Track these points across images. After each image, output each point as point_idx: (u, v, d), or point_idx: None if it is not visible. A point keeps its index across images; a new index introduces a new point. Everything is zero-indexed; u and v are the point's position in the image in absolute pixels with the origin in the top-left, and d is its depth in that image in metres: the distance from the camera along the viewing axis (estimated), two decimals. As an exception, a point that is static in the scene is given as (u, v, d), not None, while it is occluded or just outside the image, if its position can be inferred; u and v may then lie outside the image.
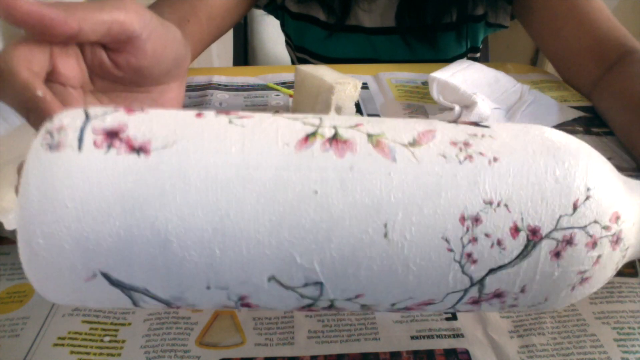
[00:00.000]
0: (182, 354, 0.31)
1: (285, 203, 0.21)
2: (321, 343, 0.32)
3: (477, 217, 0.22)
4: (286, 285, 0.22)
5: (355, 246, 0.21)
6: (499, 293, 0.24)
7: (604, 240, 0.23)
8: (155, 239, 0.20)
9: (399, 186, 0.21)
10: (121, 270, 0.21)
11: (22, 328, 0.32)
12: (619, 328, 0.33)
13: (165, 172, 0.20)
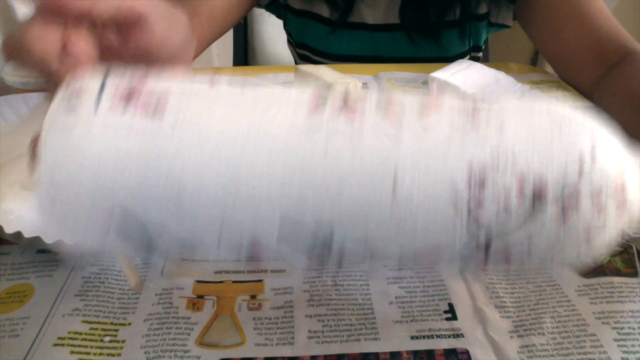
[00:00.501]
0: (182, 354, 0.31)
1: (298, 158, 0.21)
2: (321, 343, 0.32)
3: (483, 179, 0.22)
4: (297, 222, 0.22)
5: (365, 199, 0.22)
6: (505, 253, 0.23)
7: (609, 204, 0.22)
8: (169, 193, 0.21)
9: (408, 147, 0.22)
10: (138, 210, 0.22)
11: (22, 328, 0.32)
12: (619, 328, 0.33)
13: (180, 133, 0.21)
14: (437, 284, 0.37)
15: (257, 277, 0.37)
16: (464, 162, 0.22)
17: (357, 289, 0.36)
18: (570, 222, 0.22)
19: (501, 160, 0.22)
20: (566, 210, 0.22)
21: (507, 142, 0.22)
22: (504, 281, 0.37)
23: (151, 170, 0.21)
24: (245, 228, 0.23)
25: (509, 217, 0.22)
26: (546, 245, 0.23)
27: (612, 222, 0.23)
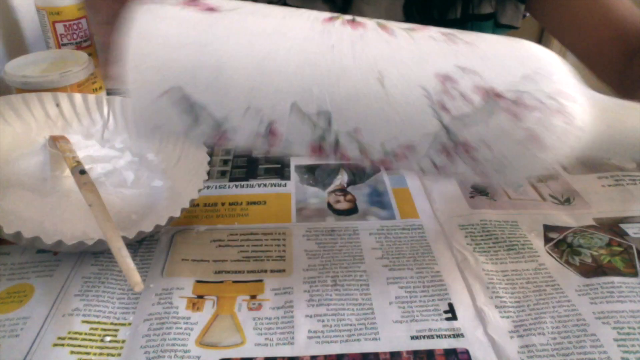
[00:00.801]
0: (182, 354, 0.31)
1: (310, 52, 0.28)
2: (321, 343, 0.32)
3: (449, 76, 0.28)
4: (304, 112, 0.29)
5: (358, 88, 0.28)
6: (465, 142, 0.29)
7: (547, 106, 0.28)
8: (213, 67, 0.28)
9: (395, 50, 0.28)
10: (188, 87, 0.28)
11: (22, 328, 0.32)
12: (619, 328, 0.33)
13: (227, 24, 0.28)
14: (437, 284, 0.37)
15: (257, 277, 0.37)
16: (440, 63, 0.28)
17: (357, 289, 0.36)
18: (514, 114, 0.28)
19: (468, 65, 0.28)
20: (512, 105, 0.28)
21: (474, 54, 0.29)
22: (504, 281, 0.37)
23: (200, 54, 0.28)
24: (265, 112, 0.29)
25: (468, 106, 0.28)
26: (501, 142, 0.29)
27: (553, 126, 0.28)
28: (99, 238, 0.35)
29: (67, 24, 0.56)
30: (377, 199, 0.46)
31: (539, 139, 0.29)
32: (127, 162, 0.47)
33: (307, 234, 0.41)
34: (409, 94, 0.28)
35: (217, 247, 0.40)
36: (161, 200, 0.44)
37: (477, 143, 0.29)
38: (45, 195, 0.42)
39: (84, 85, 0.53)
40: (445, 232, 0.42)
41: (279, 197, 0.46)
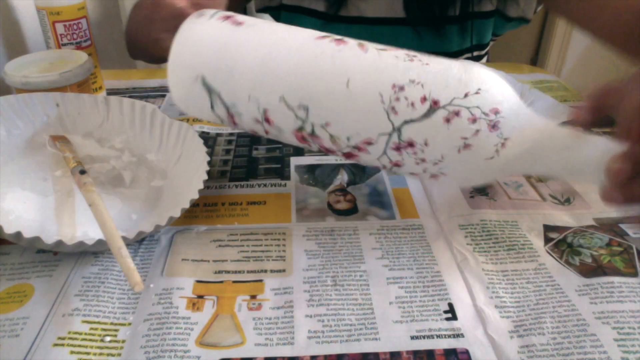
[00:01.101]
0: (182, 354, 0.31)
1: (299, 58, 0.36)
2: (321, 343, 0.32)
3: (402, 87, 0.34)
4: (288, 105, 0.36)
5: (330, 89, 0.35)
6: (411, 142, 0.35)
7: (482, 121, 0.34)
8: (228, 64, 0.37)
9: (363, 62, 0.35)
10: (208, 77, 0.37)
11: (22, 328, 0.32)
12: (619, 328, 0.33)
13: (244, 34, 0.37)
14: (437, 284, 0.37)
15: (257, 277, 0.37)
16: (397, 75, 0.35)
17: (357, 289, 0.36)
18: (452, 124, 0.34)
19: (419, 80, 0.34)
20: (451, 116, 0.34)
21: (427, 72, 0.35)
22: (504, 281, 0.37)
23: (221, 53, 0.37)
24: (261, 102, 0.37)
25: (414, 112, 0.34)
26: (440, 145, 0.34)
27: (486, 131, 0.34)
28: (99, 238, 0.35)
29: (67, 24, 0.56)
30: (377, 199, 0.46)
31: (471, 146, 0.34)
32: (127, 162, 0.47)
33: (307, 234, 0.41)
34: (368, 96, 0.35)
35: (217, 247, 0.40)
36: (161, 200, 0.44)
37: (418, 140, 0.35)
38: (45, 195, 0.42)
39: (84, 85, 0.53)
40: (445, 232, 0.42)
41: (279, 197, 0.46)
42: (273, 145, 0.54)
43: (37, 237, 0.34)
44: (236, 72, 0.37)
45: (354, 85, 0.35)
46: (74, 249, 0.36)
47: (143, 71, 0.76)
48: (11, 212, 0.39)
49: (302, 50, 0.37)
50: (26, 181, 0.42)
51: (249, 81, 0.37)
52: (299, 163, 0.51)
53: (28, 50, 0.72)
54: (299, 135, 0.38)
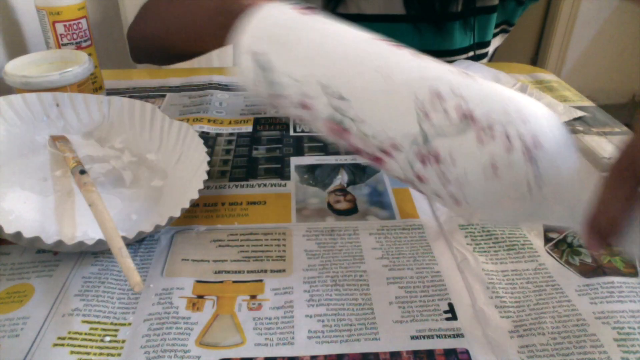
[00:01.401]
0: (182, 354, 0.31)
1: (349, 50, 0.36)
2: (321, 343, 0.32)
3: (442, 96, 0.32)
4: (327, 93, 0.36)
5: (370, 83, 0.35)
6: (437, 156, 0.32)
7: (518, 152, 0.30)
8: (287, 45, 0.38)
9: (410, 64, 0.35)
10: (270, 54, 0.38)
11: (22, 328, 0.32)
12: (619, 328, 0.33)
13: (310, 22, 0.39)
14: (437, 284, 0.37)
15: (257, 277, 0.37)
16: (438, 83, 0.33)
17: (357, 289, 0.36)
18: (485, 146, 0.31)
19: (459, 91, 0.32)
20: (486, 137, 0.31)
21: (470, 86, 0.33)
22: (504, 281, 0.37)
23: (285, 33, 0.38)
24: (304, 88, 0.37)
25: (447, 122, 0.32)
26: (465, 160, 0.31)
27: (520, 164, 0.30)
28: (99, 238, 0.35)
29: (67, 24, 0.56)
30: (377, 199, 0.46)
31: (500, 176, 0.31)
32: (127, 162, 0.47)
33: (307, 234, 0.41)
34: (403, 95, 0.34)
35: (217, 247, 0.40)
36: (161, 200, 0.44)
37: (445, 155, 0.32)
38: (45, 195, 0.42)
39: (84, 85, 0.53)
40: (445, 232, 0.42)
41: (279, 197, 0.46)
42: (273, 146, 0.54)
43: (37, 237, 0.34)
44: (290, 54, 0.38)
45: (392, 81, 0.34)
46: (74, 249, 0.36)
47: (143, 71, 0.76)
48: (11, 212, 0.39)
49: (354, 43, 0.37)
50: (26, 181, 0.42)
51: (299, 65, 0.38)
52: (299, 163, 0.51)
53: (28, 50, 0.72)
54: (332, 126, 0.38)
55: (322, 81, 0.37)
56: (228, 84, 0.69)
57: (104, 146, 0.48)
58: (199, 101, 0.64)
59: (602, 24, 2.12)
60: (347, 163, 0.51)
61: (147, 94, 0.66)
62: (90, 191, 0.39)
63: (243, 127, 0.58)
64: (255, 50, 0.40)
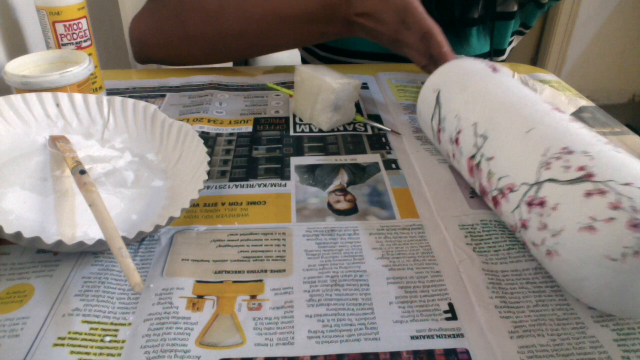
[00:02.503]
0: (182, 354, 0.31)
1: (505, 96, 0.42)
2: (321, 343, 0.32)
3: (571, 152, 0.34)
4: (475, 131, 0.42)
5: (511, 128, 0.39)
6: (543, 201, 0.34)
7: (624, 213, 0.29)
8: (459, 88, 0.46)
9: (556, 123, 0.38)
10: (443, 92, 0.47)
11: (22, 328, 0.33)
12: (618, 329, 0.33)
13: (491, 75, 0.46)
14: (437, 284, 0.37)
15: (257, 277, 0.37)
16: (575, 144, 0.35)
17: (357, 289, 0.36)
18: (591, 200, 0.31)
19: (592, 154, 0.33)
20: (595, 192, 0.31)
21: (605, 152, 0.34)
22: (504, 281, 0.37)
23: (461, 80, 0.46)
24: (461, 122, 0.44)
25: (563, 174, 0.33)
26: (566, 209, 0.32)
27: (620, 224, 0.29)
28: (99, 238, 0.35)
29: (67, 24, 0.56)
30: (377, 199, 0.46)
31: (595, 230, 0.30)
32: (127, 162, 0.47)
33: (307, 234, 0.41)
34: (534, 146, 0.36)
35: (217, 247, 0.40)
36: (161, 200, 0.44)
37: (550, 200, 0.33)
38: (45, 195, 0.42)
39: (84, 85, 0.53)
40: (445, 232, 0.42)
41: (279, 197, 0.46)
42: (273, 146, 0.54)
43: (37, 237, 0.34)
44: (460, 94, 0.45)
45: (534, 133, 0.37)
46: (74, 249, 0.36)
47: (143, 71, 0.76)
48: (11, 212, 0.39)
49: (512, 90, 0.42)
50: (26, 181, 0.42)
51: (463, 103, 0.44)
52: (299, 163, 0.51)
53: (28, 50, 0.72)
54: (470, 163, 0.42)
55: (474, 119, 0.42)
56: (228, 84, 0.69)
57: (104, 146, 0.48)
58: (199, 101, 0.64)
59: (602, 24, 2.12)
60: (347, 163, 0.51)
61: (147, 94, 0.66)
62: (90, 191, 0.39)
63: (243, 127, 0.58)
64: (438, 88, 0.47)
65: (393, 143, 0.55)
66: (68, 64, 0.54)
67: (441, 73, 0.48)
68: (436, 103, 0.47)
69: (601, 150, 0.34)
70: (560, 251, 0.32)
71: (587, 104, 0.64)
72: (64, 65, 0.53)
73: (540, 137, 0.37)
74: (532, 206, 0.35)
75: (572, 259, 0.32)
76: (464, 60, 0.49)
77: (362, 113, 0.62)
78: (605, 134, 0.58)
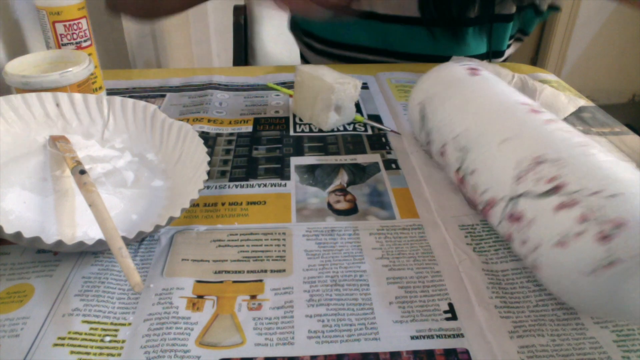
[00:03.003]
0: (182, 354, 0.31)
1: (482, 109, 0.41)
2: (321, 343, 0.32)
3: (542, 162, 0.34)
4: (457, 144, 0.42)
5: (487, 141, 0.39)
6: (520, 217, 0.34)
7: (592, 226, 0.29)
8: (441, 99, 0.46)
9: (528, 130, 0.37)
10: (426, 105, 0.47)
11: (22, 328, 0.33)
12: (617, 331, 0.33)
13: (469, 82, 0.45)
14: (437, 284, 0.37)
15: (257, 277, 0.37)
16: (547, 149, 0.35)
17: (357, 289, 0.36)
18: (560, 214, 0.31)
19: (563, 161, 0.33)
20: (563, 205, 0.31)
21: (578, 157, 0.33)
22: (504, 281, 0.37)
23: (442, 89, 0.46)
24: (445, 136, 0.44)
25: (535, 188, 0.33)
26: (539, 225, 0.32)
27: (587, 243, 0.29)
28: (99, 238, 0.35)
29: (67, 24, 0.56)
30: (377, 199, 0.46)
31: (567, 246, 0.30)
32: (127, 162, 0.47)
33: (307, 234, 0.41)
34: (508, 159, 0.36)
35: (217, 247, 0.40)
36: (161, 200, 0.44)
37: (526, 215, 0.34)
38: (45, 195, 0.42)
39: (84, 85, 0.53)
40: (445, 232, 0.42)
41: (279, 197, 0.46)
42: (273, 146, 0.54)
43: (37, 237, 0.34)
44: (440, 107, 0.44)
45: (507, 144, 0.37)
46: (74, 249, 0.36)
47: (143, 71, 0.76)
48: (11, 212, 0.39)
49: (491, 103, 0.41)
50: (26, 181, 0.42)
51: (445, 116, 0.44)
52: (299, 163, 0.51)
53: (28, 50, 0.72)
54: (457, 176, 0.43)
55: (455, 132, 0.42)
56: (228, 84, 0.69)
57: (104, 146, 0.48)
58: (199, 101, 0.64)
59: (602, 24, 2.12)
60: (347, 163, 0.51)
61: (147, 94, 0.66)
62: (90, 191, 0.39)
63: (243, 127, 0.58)
64: (421, 101, 0.47)
65: (393, 143, 0.55)
66: (68, 64, 0.54)
67: (422, 83, 0.48)
68: (421, 116, 0.47)
69: (572, 155, 0.33)
70: (540, 266, 0.33)
71: (587, 104, 0.64)
72: (64, 65, 0.53)
73: (514, 147, 0.36)
74: (512, 221, 0.35)
75: (551, 274, 0.32)
76: (444, 68, 0.48)
77: (362, 113, 0.62)
78: (605, 134, 0.58)
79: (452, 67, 0.47)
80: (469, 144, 0.40)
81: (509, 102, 0.41)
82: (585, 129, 0.58)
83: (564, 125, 0.38)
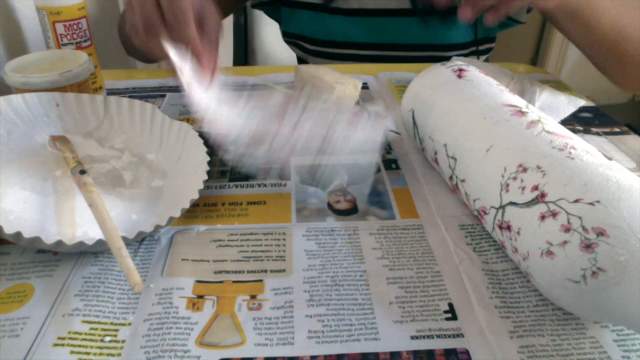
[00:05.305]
0: (182, 354, 0.31)
1: (470, 116, 0.41)
2: (321, 343, 0.32)
3: (526, 169, 0.34)
4: (447, 153, 0.42)
5: (474, 149, 0.39)
6: (509, 226, 0.34)
7: (575, 235, 0.29)
8: (429, 105, 0.45)
9: (514, 136, 0.37)
10: (416, 111, 0.47)
11: (22, 328, 0.32)
12: (618, 330, 0.33)
13: (456, 85, 0.44)
14: (437, 284, 0.37)
15: (257, 277, 0.37)
16: (531, 156, 0.34)
17: (357, 289, 0.36)
18: (545, 223, 0.31)
19: (546, 168, 0.33)
20: (548, 214, 0.31)
21: (562, 162, 0.33)
22: (504, 281, 0.37)
23: (429, 94, 0.46)
24: (436, 144, 0.44)
25: (521, 197, 0.33)
26: (527, 234, 0.33)
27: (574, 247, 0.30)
28: (99, 238, 0.35)
29: (67, 24, 0.56)
30: (377, 199, 0.46)
31: (554, 255, 0.30)
32: (127, 162, 0.47)
33: (307, 234, 0.41)
34: (495, 167, 0.36)
35: (217, 247, 0.40)
36: (161, 200, 0.44)
37: (514, 225, 0.34)
38: (45, 195, 0.42)
39: (84, 85, 0.53)
40: (445, 232, 0.42)
41: (279, 197, 0.46)
42: (273, 145, 0.54)
43: (37, 237, 0.34)
44: (429, 114, 0.44)
45: (492, 152, 0.37)
46: (74, 249, 0.36)
47: (143, 71, 0.76)
48: (11, 212, 0.39)
49: (475, 109, 0.41)
50: (26, 181, 0.42)
51: (434, 124, 0.44)
52: (299, 163, 0.51)
53: (28, 50, 0.72)
54: (451, 182, 0.43)
55: (444, 140, 0.42)
56: (228, 84, 0.69)
57: (103, 146, 0.48)
58: (199, 101, 0.64)
59: (602, 24, 2.12)
60: (347, 163, 0.51)
61: (147, 94, 0.66)
62: (90, 191, 0.39)
63: (243, 127, 0.58)
64: (411, 108, 0.47)
65: (393, 143, 0.55)
66: (68, 64, 0.54)
67: (411, 90, 0.48)
68: (413, 123, 0.47)
69: (554, 162, 0.33)
70: (531, 274, 0.33)
71: (587, 104, 0.64)
72: (64, 65, 0.53)
73: (499, 155, 0.36)
74: (502, 230, 0.35)
75: (542, 283, 0.32)
76: (431, 72, 0.47)
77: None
78: (605, 134, 0.58)
79: (439, 70, 0.47)
80: (457, 153, 0.40)
81: (493, 105, 0.40)
82: (585, 129, 0.58)
83: (548, 124, 0.37)
